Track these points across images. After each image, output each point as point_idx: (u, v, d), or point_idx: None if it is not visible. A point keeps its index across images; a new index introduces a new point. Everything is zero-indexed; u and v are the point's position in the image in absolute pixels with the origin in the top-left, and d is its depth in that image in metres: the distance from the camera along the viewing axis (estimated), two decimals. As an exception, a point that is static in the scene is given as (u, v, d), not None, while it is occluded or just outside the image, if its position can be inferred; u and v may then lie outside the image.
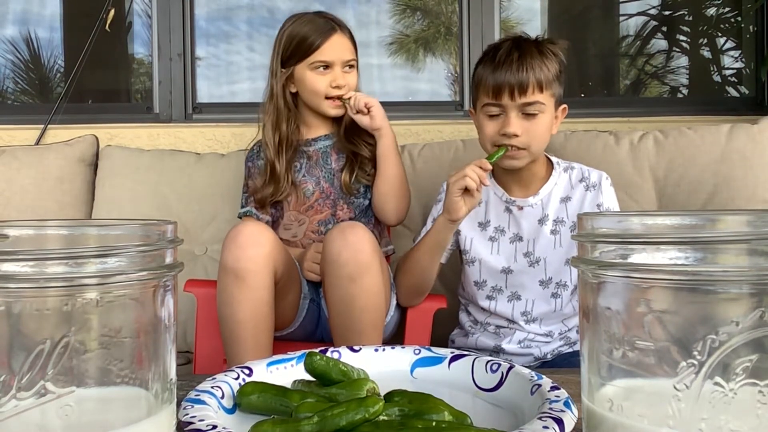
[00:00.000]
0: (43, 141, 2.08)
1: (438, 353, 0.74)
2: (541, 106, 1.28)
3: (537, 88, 1.26)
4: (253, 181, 1.58)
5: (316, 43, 1.50)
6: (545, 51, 1.31)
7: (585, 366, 0.50)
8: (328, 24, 1.52)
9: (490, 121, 1.31)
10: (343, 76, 1.51)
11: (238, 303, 1.22)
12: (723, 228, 0.46)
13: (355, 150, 1.53)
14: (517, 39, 1.33)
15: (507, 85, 1.25)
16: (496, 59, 1.28)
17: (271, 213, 1.57)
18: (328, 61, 1.50)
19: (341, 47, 1.52)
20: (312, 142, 1.58)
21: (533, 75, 1.26)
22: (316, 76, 1.51)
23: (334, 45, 1.50)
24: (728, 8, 2.36)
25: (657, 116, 2.13)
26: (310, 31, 1.51)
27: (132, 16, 2.33)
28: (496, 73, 1.27)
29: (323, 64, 1.50)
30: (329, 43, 1.50)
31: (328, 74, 1.51)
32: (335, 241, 1.24)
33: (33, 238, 0.45)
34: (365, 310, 1.24)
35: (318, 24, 1.52)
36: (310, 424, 0.52)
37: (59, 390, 0.42)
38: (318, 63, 1.50)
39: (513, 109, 1.27)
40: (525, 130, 1.27)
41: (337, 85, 1.51)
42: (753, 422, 0.41)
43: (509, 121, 1.27)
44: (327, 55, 1.50)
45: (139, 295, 0.46)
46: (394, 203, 1.49)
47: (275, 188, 1.53)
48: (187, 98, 2.19)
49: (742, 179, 1.73)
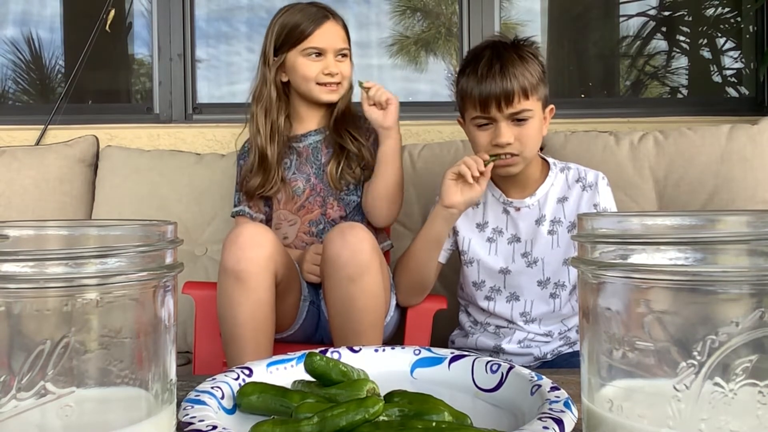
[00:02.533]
0: (43, 141, 2.08)
1: (438, 354, 0.74)
2: (529, 112, 1.28)
3: (523, 96, 1.27)
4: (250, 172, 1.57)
5: (308, 29, 1.50)
6: (525, 55, 1.31)
7: (585, 366, 0.50)
8: (321, 12, 1.52)
9: (481, 131, 1.32)
10: (335, 64, 1.51)
11: (239, 304, 1.22)
12: (723, 228, 0.46)
13: (341, 143, 1.52)
14: (496, 45, 1.33)
15: (494, 98, 1.26)
16: (479, 72, 1.29)
17: (265, 211, 1.57)
18: (320, 48, 1.50)
19: (334, 35, 1.52)
20: (302, 138, 1.57)
21: (517, 84, 1.26)
22: (308, 62, 1.51)
23: (326, 32, 1.51)
24: (728, 9, 2.36)
25: (657, 117, 2.13)
26: (302, 18, 1.52)
27: (132, 16, 2.33)
28: (481, 86, 1.27)
29: (315, 50, 1.50)
30: (321, 30, 1.50)
31: (321, 61, 1.51)
32: (335, 241, 1.24)
33: (33, 239, 0.45)
34: (365, 311, 1.24)
35: (310, 12, 1.52)
36: (310, 425, 0.52)
37: (59, 390, 0.42)
38: (310, 49, 1.50)
39: (502, 119, 1.28)
40: (516, 137, 1.28)
41: (329, 72, 1.50)
42: (753, 422, 0.41)
43: (500, 131, 1.28)
44: (319, 41, 1.50)
45: (139, 296, 0.46)
46: (386, 207, 1.48)
47: (264, 178, 1.52)
48: (187, 99, 2.19)
49: (742, 180, 1.73)
